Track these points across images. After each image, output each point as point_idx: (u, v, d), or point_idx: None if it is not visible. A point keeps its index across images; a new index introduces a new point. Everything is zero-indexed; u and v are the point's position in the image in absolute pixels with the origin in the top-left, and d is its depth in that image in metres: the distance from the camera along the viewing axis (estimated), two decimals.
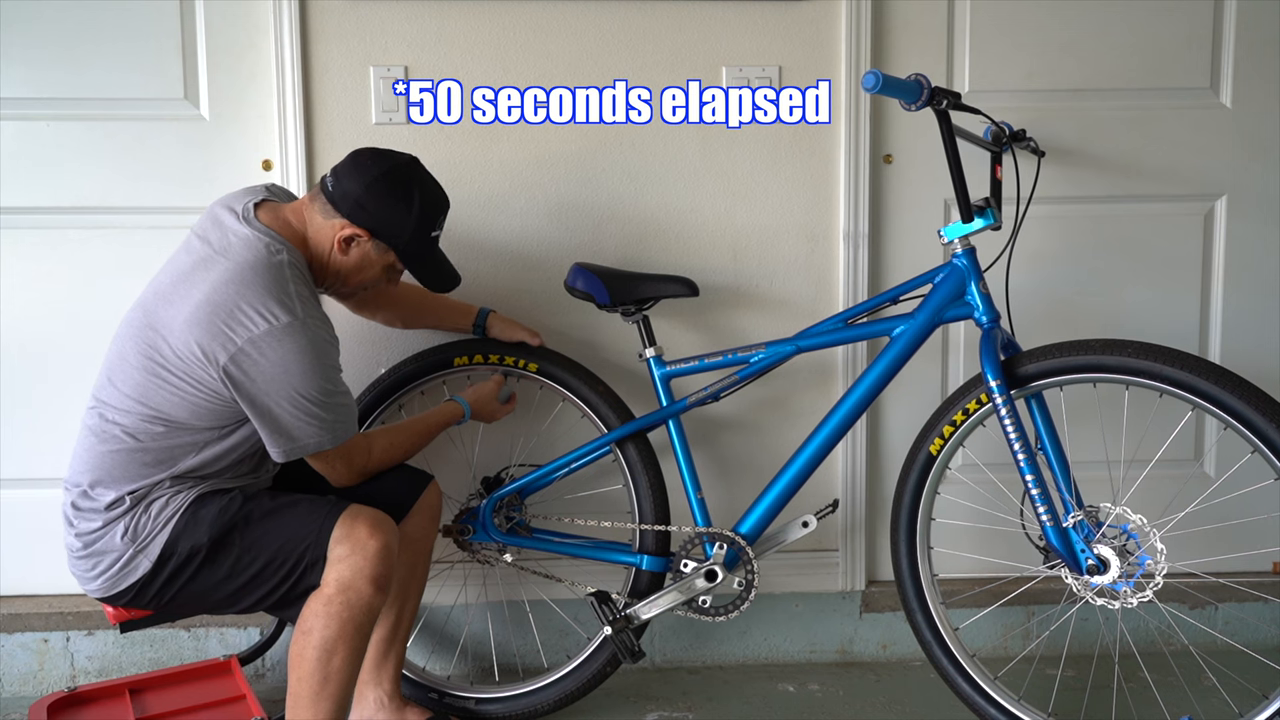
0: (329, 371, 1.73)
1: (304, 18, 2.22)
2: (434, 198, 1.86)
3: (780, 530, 2.09)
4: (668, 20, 2.28)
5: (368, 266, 1.85)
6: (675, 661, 2.46)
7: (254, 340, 1.66)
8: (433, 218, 1.85)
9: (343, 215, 1.78)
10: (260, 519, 1.75)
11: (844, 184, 2.32)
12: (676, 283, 2.12)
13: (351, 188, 1.78)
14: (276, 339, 1.66)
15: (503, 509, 2.19)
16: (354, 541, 1.71)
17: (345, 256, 1.82)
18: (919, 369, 2.24)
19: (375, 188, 1.78)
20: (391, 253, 1.84)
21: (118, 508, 1.74)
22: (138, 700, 2.13)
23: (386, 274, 1.89)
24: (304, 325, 1.68)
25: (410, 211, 1.80)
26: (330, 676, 1.70)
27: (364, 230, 1.79)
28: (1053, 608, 2.41)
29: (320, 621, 1.69)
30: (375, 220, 1.79)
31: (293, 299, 1.69)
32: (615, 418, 2.15)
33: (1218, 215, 2.43)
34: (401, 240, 1.82)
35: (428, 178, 1.87)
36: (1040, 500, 1.84)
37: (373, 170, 1.79)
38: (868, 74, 1.69)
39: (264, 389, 1.68)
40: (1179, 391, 1.78)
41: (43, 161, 2.25)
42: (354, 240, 1.80)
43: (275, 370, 1.67)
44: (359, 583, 1.70)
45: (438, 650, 2.40)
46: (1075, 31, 2.35)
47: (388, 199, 1.79)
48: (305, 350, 1.68)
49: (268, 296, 1.67)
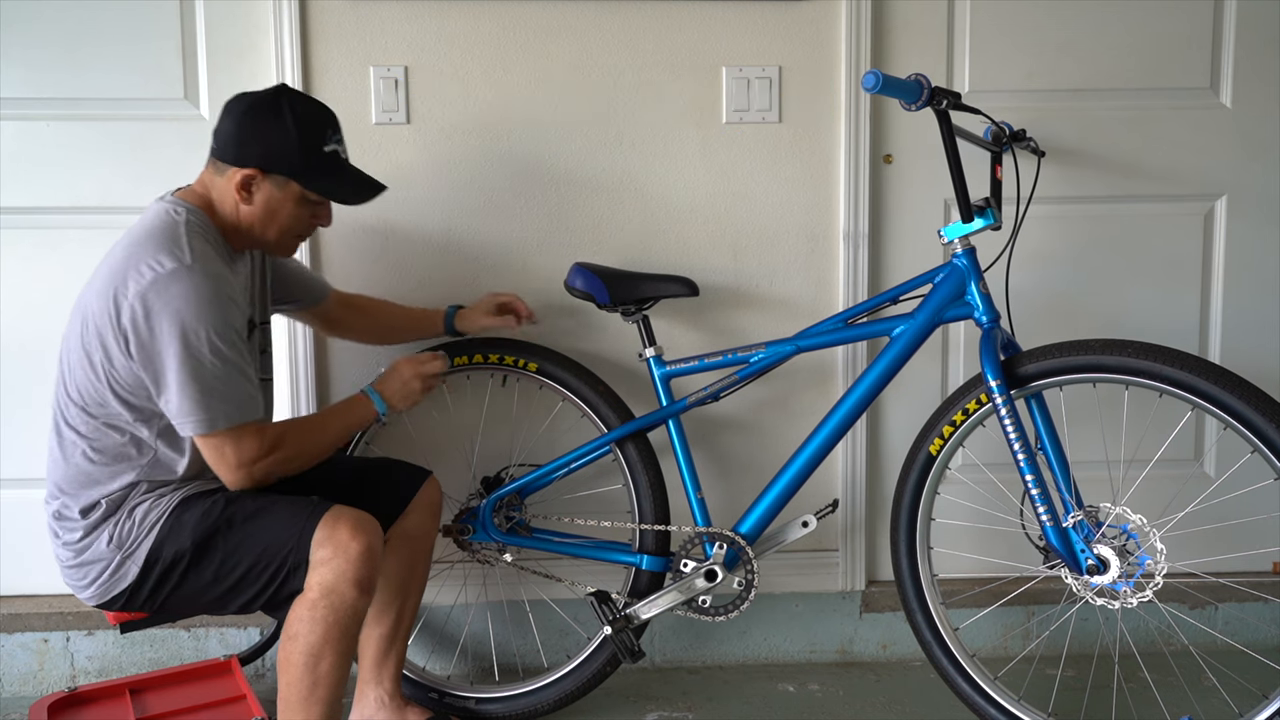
0: (220, 326, 1.64)
1: (304, 18, 2.22)
2: (310, 111, 1.78)
3: (780, 530, 2.09)
4: (668, 20, 2.28)
5: (277, 207, 1.76)
6: (675, 661, 2.46)
7: (140, 293, 1.62)
8: (317, 130, 1.76)
9: (231, 163, 1.74)
10: (242, 523, 1.72)
11: (844, 184, 2.32)
12: (676, 283, 2.12)
13: (228, 131, 1.74)
14: (163, 285, 1.61)
15: (503, 509, 2.19)
16: (336, 544, 1.68)
17: (250, 205, 1.75)
18: (919, 369, 2.24)
19: (245, 120, 1.74)
20: (293, 182, 1.75)
21: (95, 513, 1.73)
22: (138, 700, 2.13)
23: (306, 210, 1.80)
24: (190, 271, 1.62)
25: (288, 129, 1.72)
26: (319, 681, 1.69)
27: (253, 168, 1.73)
28: (1053, 608, 2.41)
29: (305, 627, 1.68)
30: (259, 153, 1.73)
31: (183, 249, 1.64)
32: (615, 417, 2.15)
33: (1218, 215, 2.43)
34: (293, 164, 1.74)
35: (298, 96, 1.79)
36: (1040, 500, 1.84)
37: (238, 107, 1.75)
38: (868, 74, 1.70)
39: (153, 344, 1.63)
40: (1179, 391, 1.78)
41: (43, 161, 2.25)
42: (251, 183, 1.73)
43: (159, 319, 1.62)
44: (342, 586, 1.67)
45: (438, 650, 2.40)
46: (1075, 31, 2.35)
47: (261, 126, 1.73)
48: (190, 295, 1.61)
49: (158, 249, 1.64)
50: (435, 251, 2.31)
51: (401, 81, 2.25)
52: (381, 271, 2.30)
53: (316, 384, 2.30)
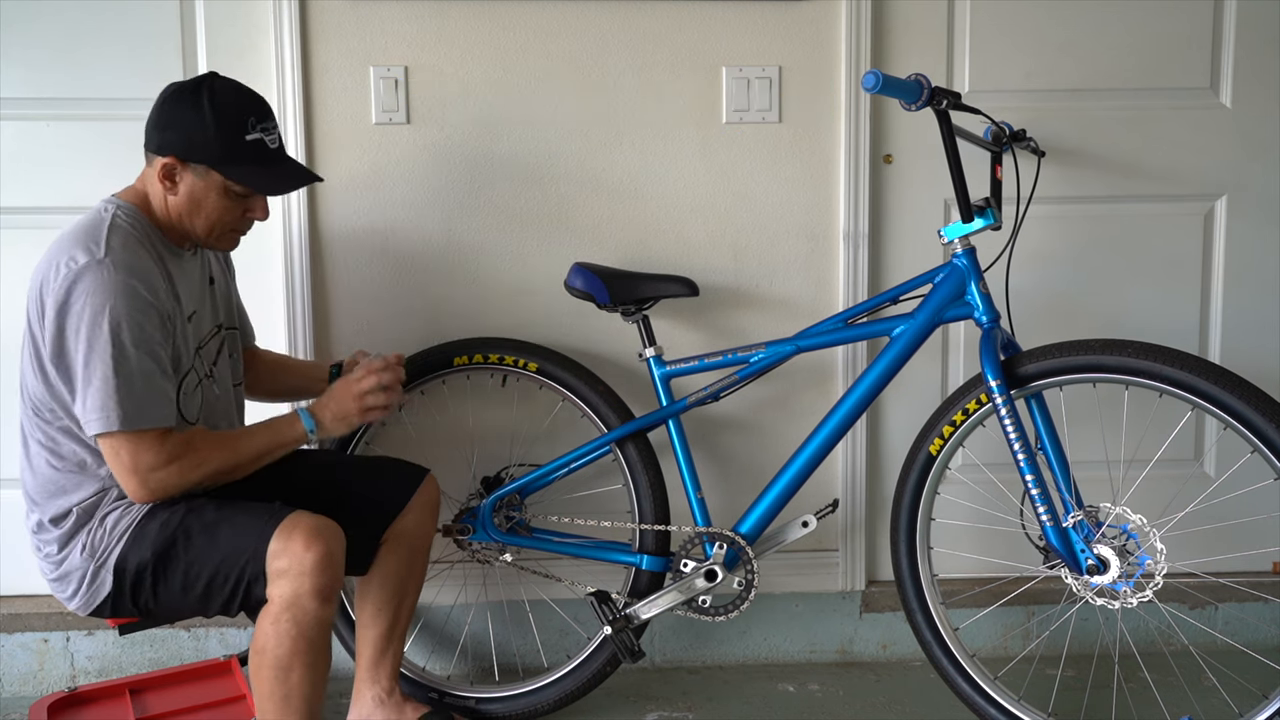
0: (126, 322, 1.60)
1: (304, 18, 2.22)
2: (232, 99, 1.72)
3: (780, 530, 2.09)
4: (668, 20, 2.28)
5: (200, 196, 1.72)
6: (675, 661, 2.46)
7: (56, 291, 1.61)
8: (236, 118, 1.70)
9: (153, 152, 1.72)
10: (200, 533, 1.69)
11: (844, 184, 2.32)
12: (676, 283, 2.12)
13: (149, 124, 1.73)
14: (71, 281, 1.60)
15: (502, 509, 2.19)
16: (291, 555, 1.63)
17: (175, 195, 1.72)
18: (919, 369, 2.24)
19: (165, 108, 1.72)
20: (213, 171, 1.70)
21: (67, 522, 1.72)
22: (138, 700, 2.13)
23: (234, 202, 1.74)
24: (100, 265, 1.60)
25: (204, 116, 1.68)
26: (291, 693, 1.66)
27: (171, 156, 1.69)
28: (1053, 608, 2.41)
29: (271, 641, 1.64)
30: (177, 141, 1.69)
31: (99, 244, 1.62)
32: (615, 417, 2.15)
33: (1218, 215, 2.43)
34: (211, 151, 1.69)
35: (225, 84, 1.74)
36: (1040, 500, 1.84)
37: (161, 97, 1.73)
38: (868, 74, 1.70)
39: (63, 339, 1.61)
40: (1179, 391, 1.78)
41: (43, 161, 2.25)
42: (172, 172, 1.71)
43: (66, 315, 1.60)
44: (302, 599, 1.63)
45: (438, 650, 2.40)
46: (1075, 31, 2.35)
47: (178, 114, 1.70)
48: (97, 290, 1.59)
49: (74, 245, 1.63)
50: (435, 251, 2.31)
51: (401, 81, 2.25)
52: (382, 271, 2.30)
53: None
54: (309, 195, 2.25)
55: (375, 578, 2.00)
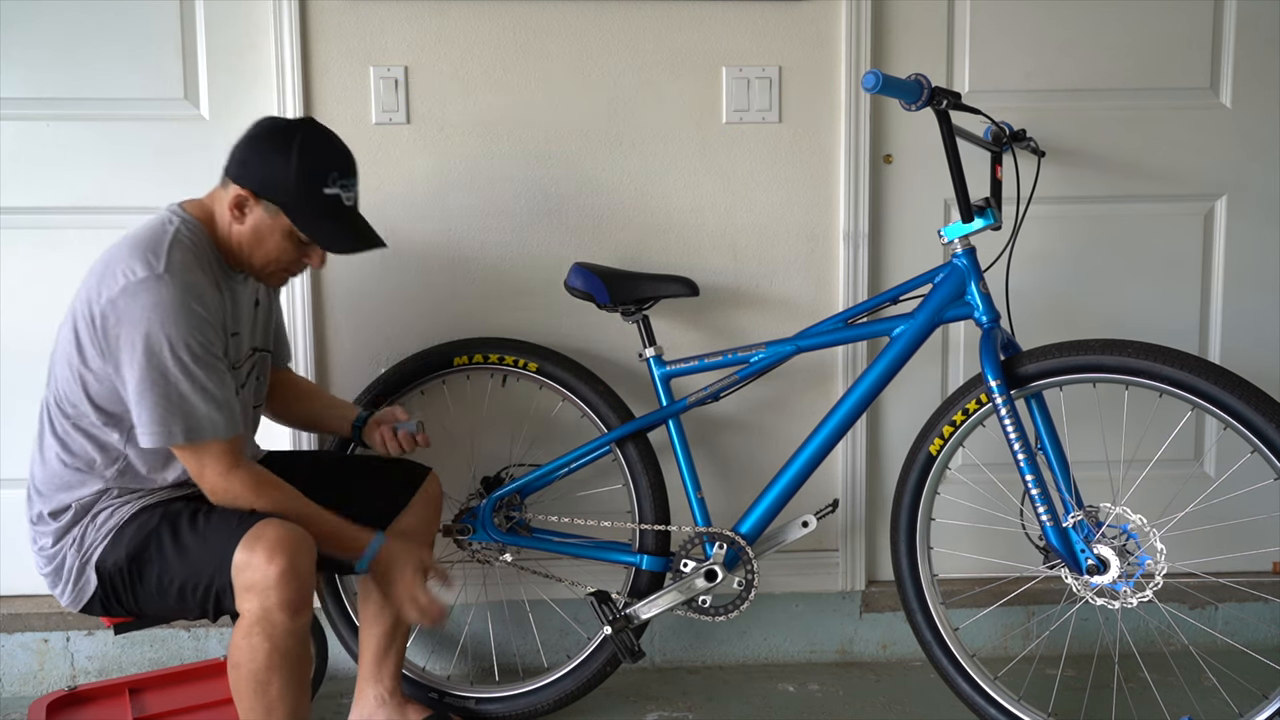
0: (185, 338, 1.61)
1: (304, 18, 2.22)
2: (321, 150, 1.74)
3: (780, 530, 2.09)
4: (668, 20, 2.28)
5: (265, 235, 1.73)
6: (675, 661, 2.46)
7: (112, 299, 1.61)
8: (319, 171, 1.71)
9: (231, 179, 1.72)
10: (171, 540, 1.68)
11: (844, 184, 2.32)
12: (676, 283, 2.12)
13: (237, 150, 1.74)
14: (131, 294, 1.60)
15: (502, 509, 2.19)
16: (254, 569, 1.60)
17: (241, 225, 1.73)
18: (919, 369, 2.23)
19: (253, 143, 1.73)
20: (282, 214, 1.71)
21: (64, 517, 1.72)
22: (137, 700, 2.13)
23: (295, 246, 1.75)
24: (159, 280, 1.60)
25: (289, 162, 1.69)
26: (273, 706, 1.64)
27: (247, 189, 1.70)
28: (1053, 608, 2.41)
29: (245, 656, 1.62)
30: (257, 177, 1.70)
31: (160, 258, 1.62)
32: (615, 417, 2.15)
33: (1218, 215, 2.43)
34: (286, 196, 1.70)
35: (318, 133, 1.76)
36: (1040, 500, 1.84)
37: (254, 129, 1.75)
38: (868, 74, 1.70)
39: (122, 351, 1.62)
40: (1179, 391, 1.78)
41: (43, 161, 2.25)
42: (244, 204, 1.72)
43: (128, 328, 1.61)
44: (272, 613, 1.59)
45: (438, 650, 2.40)
46: (1075, 31, 2.35)
47: (265, 152, 1.71)
48: (156, 305, 1.60)
49: (134, 256, 1.63)
50: (435, 251, 2.31)
51: (401, 81, 2.25)
52: (381, 271, 2.30)
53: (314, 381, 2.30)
54: None
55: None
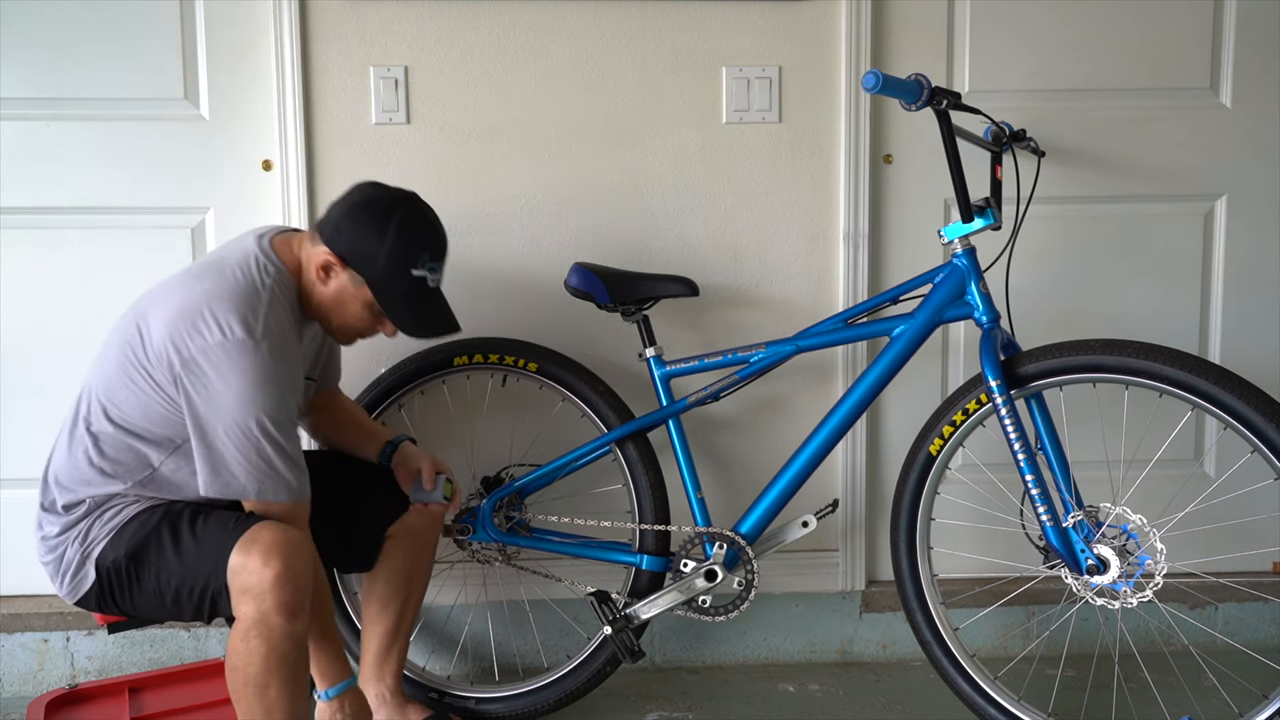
0: (273, 408, 1.62)
1: (304, 18, 2.22)
2: (417, 232, 1.75)
3: (780, 530, 2.09)
4: (668, 20, 2.28)
5: (346, 301, 1.75)
6: (675, 661, 2.46)
7: (205, 349, 1.61)
8: (412, 253, 1.73)
9: (323, 240, 1.72)
10: (171, 540, 1.68)
11: (844, 184, 2.32)
12: (676, 282, 2.12)
13: (335, 213, 1.74)
14: (225, 353, 1.60)
15: (502, 509, 2.19)
16: (250, 572, 1.59)
17: (325, 287, 1.74)
18: (919, 369, 2.23)
19: (352, 212, 1.73)
20: (364, 287, 1.73)
21: (77, 511, 1.72)
22: (136, 699, 2.13)
23: (372, 315, 1.77)
24: (257, 347, 1.61)
25: (384, 240, 1.70)
26: (271, 708, 1.63)
27: (336, 257, 1.71)
28: (1053, 608, 2.41)
29: (243, 659, 1.62)
30: (348, 246, 1.71)
31: (258, 320, 1.63)
32: (615, 417, 2.15)
33: (1218, 215, 2.43)
34: (374, 271, 1.71)
35: (417, 213, 1.77)
36: (1040, 500, 1.84)
37: (356, 196, 1.75)
38: (868, 74, 1.70)
39: (204, 404, 1.62)
40: (1179, 391, 1.78)
41: (43, 161, 2.25)
42: (330, 268, 1.72)
43: (217, 386, 1.61)
44: (268, 617, 1.59)
45: (438, 650, 2.40)
46: (1075, 31, 2.35)
47: (361, 224, 1.71)
48: (249, 371, 1.60)
49: (233, 310, 1.62)
50: None
51: (401, 81, 2.25)
52: None
53: None
54: (308, 195, 2.25)
55: (381, 573, 2.00)
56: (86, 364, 1.96)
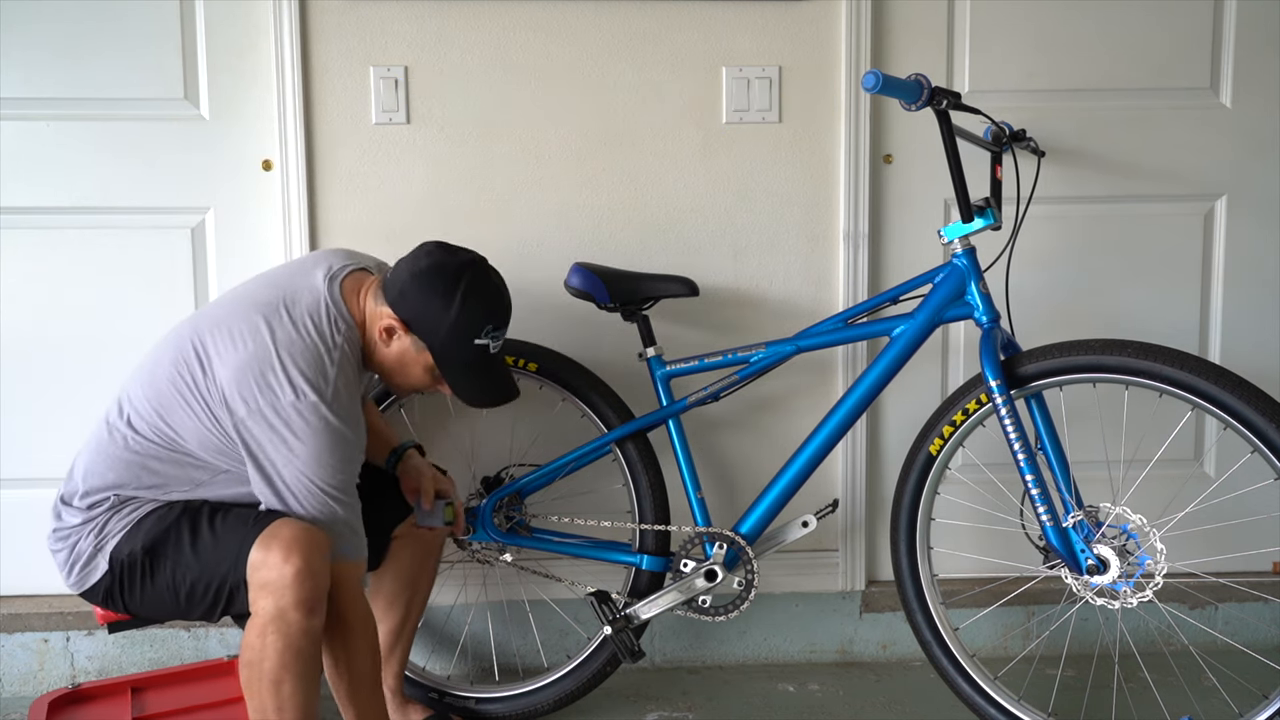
0: (340, 476, 1.66)
1: (304, 18, 2.22)
2: (484, 303, 1.75)
3: (780, 530, 2.09)
4: (668, 20, 2.28)
5: (409, 364, 1.76)
6: (675, 661, 2.46)
7: (276, 407, 1.62)
8: (476, 323, 1.73)
9: (388, 303, 1.72)
10: (189, 535, 1.69)
11: (844, 184, 2.32)
12: (676, 282, 2.12)
13: (401, 275, 1.73)
14: (297, 412, 1.62)
15: (502, 509, 2.19)
16: (270, 567, 1.60)
17: (387, 348, 1.74)
18: (919, 369, 2.23)
19: (420, 278, 1.71)
20: (427, 352, 1.74)
21: (100, 507, 1.72)
22: (138, 699, 2.13)
23: (431, 379, 1.79)
24: (329, 409, 1.63)
25: (449, 309, 1.70)
26: (284, 705, 1.64)
27: (400, 322, 1.71)
28: (1053, 608, 2.41)
29: (258, 654, 1.63)
30: (412, 312, 1.71)
31: (328, 383, 1.64)
32: (615, 417, 2.15)
33: (1218, 215, 2.43)
34: (436, 340, 1.72)
35: (486, 283, 1.76)
36: (1040, 500, 1.84)
37: (424, 260, 1.73)
38: (868, 74, 1.69)
39: (270, 456, 1.64)
40: (1179, 391, 1.78)
41: (43, 161, 2.25)
42: (393, 331, 1.73)
43: (284, 443, 1.63)
44: (286, 612, 1.60)
45: (438, 650, 2.40)
46: (1075, 31, 2.35)
47: (428, 291, 1.70)
48: (319, 436, 1.62)
49: (305, 370, 1.63)
50: None
51: (401, 81, 2.25)
52: None
53: None
54: (308, 195, 2.25)
55: (388, 572, 2.01)
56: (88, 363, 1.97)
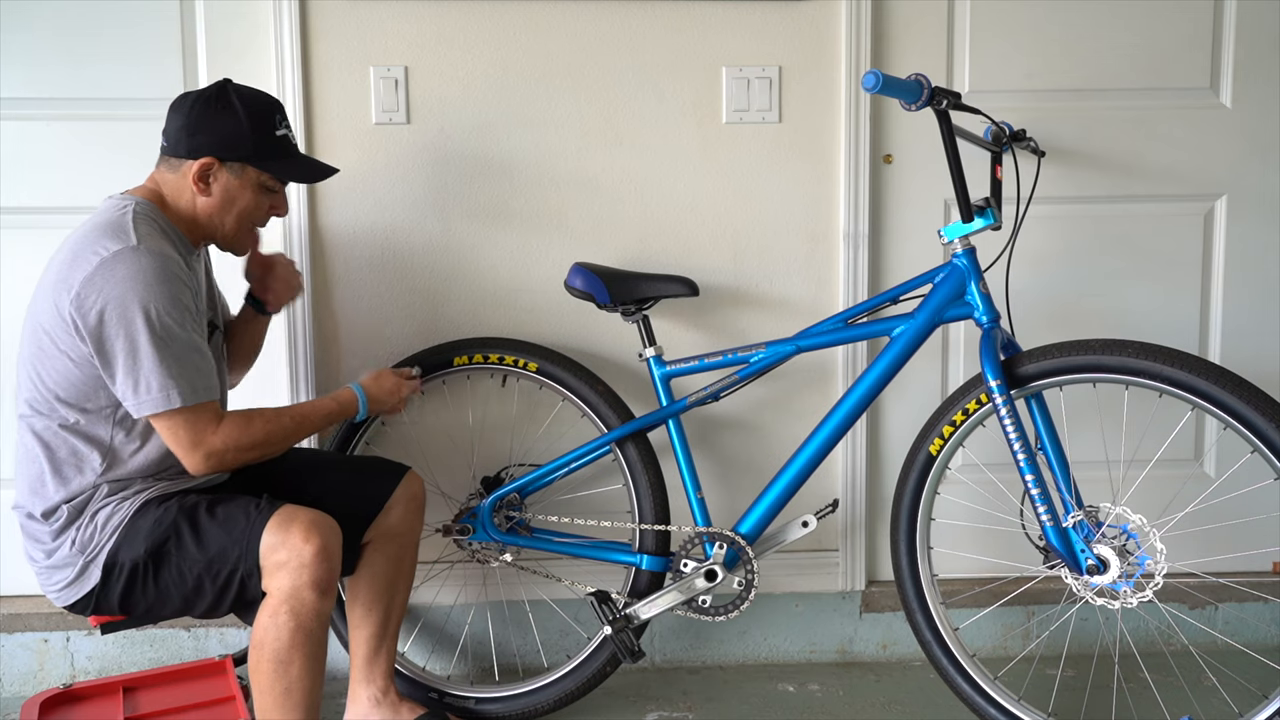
0: (168, 303, 1.64)
1: (304, 17, 2.22)
2: (257, 99, 1.81)
3: (780, 530, 2.09)
4: (668, 20, 2.28)
5: (237, 194, 1.79)
6: (675, 661, 2.46)
7: (88, 278, 1.62)
8: (266, 116, 1.80)
9: (185, 156, 1.77)
10: (192, 530, 1.71)
11: (844, 184, 2.32)
12: (676, 282, 2.12)
13: (177, 127, 1.78)
14: (108, 266, 1.62)
15: (502, 509, 2.19)
16: (290, 548, 1.65)
17: (209, 196, 1.78)
18: (919, 369, 2.24)
19: (195, 112, 1.76)
20: (249, 168, 1.78)
21: (57, 520, 1.72)
22: (130, 699, 2.12)
23: (264, 198, 1.83)
24: (135, 251, 1.63)
25: (239, 116, 1.76)
26: (291, 687, 1.67)
27: (209, 157, 1.76)
28: (1053, 608, 2.41)
29: (270, 634, 1.66)
30: (213, 143, 1.76)
31: (128, 233, 1.65)
32: (615, 417, 2.15)
33: (1218, 215, 2.43)
34: (248, 149, 1.77)
35: (244, 88, 1.82)
36: (1040, 500, 1.84)
37: (186, 102, 1.78)
38: (868, 74, 1.70)
39: (105, 325, 1.62)
40: (1179, 391, 1.78)
41: (43, 161, 2.25)
42: (208, 173, 1.76)
43: (109, 298, 1.62)
44: (302, 591, 1.65)
45: (438, 650, 2.40)
46: (1075, 31, 2.35)
47: (212, 117, 1.76)
48: (136, 275, 1.62)
49: (102, 236, 1.65)
50: (436, 251, 2.31)
51: (401, 81, 2.25)
52: (382, 271, 2.30)
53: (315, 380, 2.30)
54: (309, 195, 2.25)
55: (363, 577, 2.00)
56: None
